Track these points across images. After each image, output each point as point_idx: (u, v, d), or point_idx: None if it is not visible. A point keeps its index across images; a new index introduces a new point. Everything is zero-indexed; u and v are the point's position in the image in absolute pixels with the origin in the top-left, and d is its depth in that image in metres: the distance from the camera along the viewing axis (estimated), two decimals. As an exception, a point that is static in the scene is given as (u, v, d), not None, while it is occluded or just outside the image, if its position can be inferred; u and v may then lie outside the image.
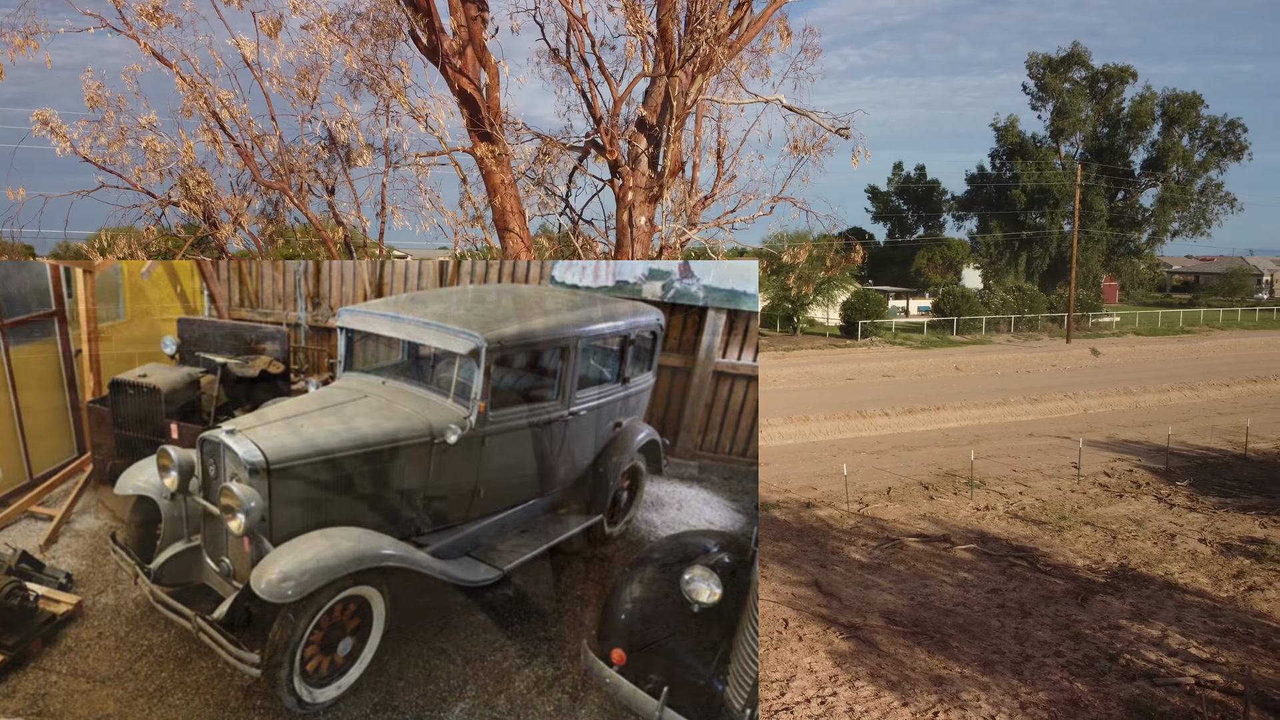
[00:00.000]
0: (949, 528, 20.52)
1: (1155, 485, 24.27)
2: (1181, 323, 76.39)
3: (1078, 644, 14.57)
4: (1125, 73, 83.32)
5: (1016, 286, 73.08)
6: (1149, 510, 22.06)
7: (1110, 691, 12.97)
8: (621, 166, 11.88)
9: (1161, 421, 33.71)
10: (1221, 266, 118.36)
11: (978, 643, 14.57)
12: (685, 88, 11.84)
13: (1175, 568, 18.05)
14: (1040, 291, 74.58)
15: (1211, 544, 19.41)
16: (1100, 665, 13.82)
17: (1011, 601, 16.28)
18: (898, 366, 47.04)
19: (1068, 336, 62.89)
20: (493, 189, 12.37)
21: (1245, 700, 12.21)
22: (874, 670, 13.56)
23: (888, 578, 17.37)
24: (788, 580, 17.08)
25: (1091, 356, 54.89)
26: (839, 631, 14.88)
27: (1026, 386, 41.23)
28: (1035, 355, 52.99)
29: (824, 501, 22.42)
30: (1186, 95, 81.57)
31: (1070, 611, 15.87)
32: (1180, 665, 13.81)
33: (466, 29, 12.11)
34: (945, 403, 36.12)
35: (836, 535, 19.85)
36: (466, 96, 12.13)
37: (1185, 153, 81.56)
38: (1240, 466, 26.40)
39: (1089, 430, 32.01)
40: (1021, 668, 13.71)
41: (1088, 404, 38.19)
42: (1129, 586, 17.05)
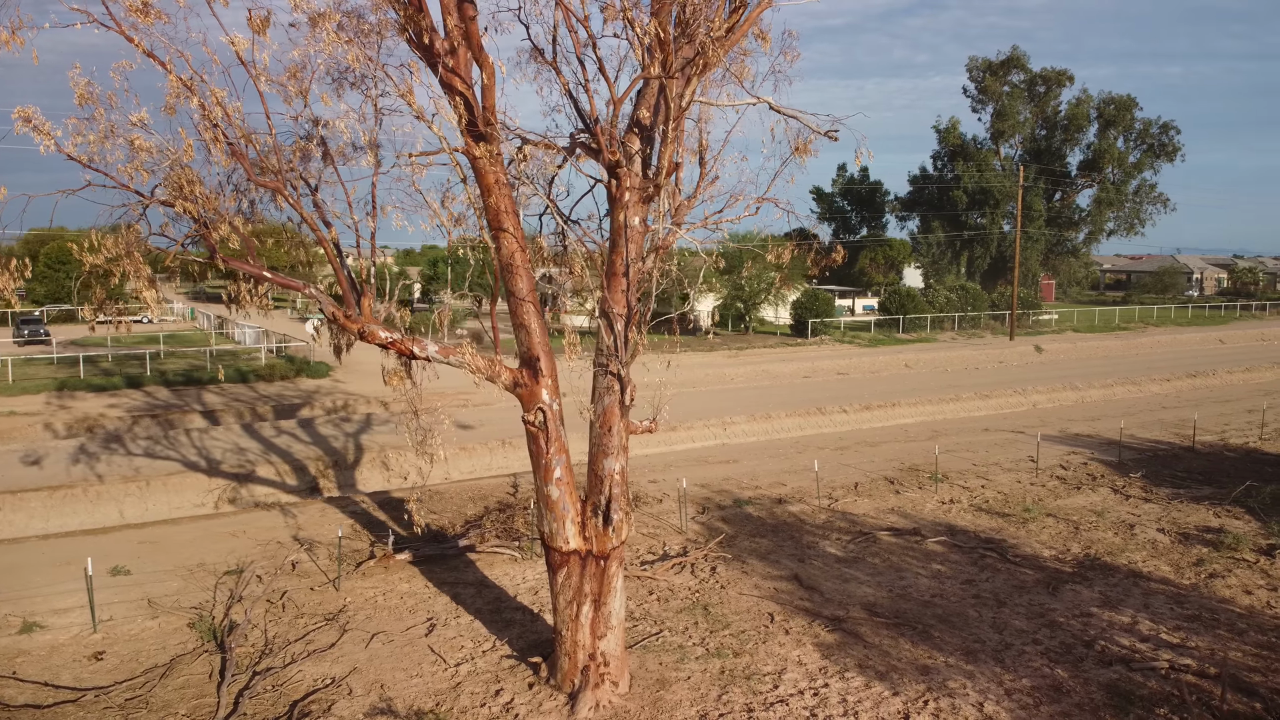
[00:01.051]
0: (918, 521, 20.93)
1: (1110, 477, 25.01)
2: (1118, 320, 78.65)
3: (1053, 632, 14.99)
4: (1062, 76, 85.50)
5: (960, 285, 74.49)
6: (1106, 501, 22.74)
7: (1090, 676, 13.38)
8: (620, 168, 11.94)
9: (1109, 415, 34.73)
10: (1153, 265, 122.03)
11: (958, 632, 14.91)
12: (681, 89, 11.96)
13: (1137, 557, 18.64)
14: (982, 290, 76.12)
15: (1170, 533, 20.08)
16: (1077, 652, 14.25)
17: (986, 592, 16.68)
18: (850, 364, 47.71)
19: (1011, 334, 64.33)
20: (486, 189, 12.36)
21: (1223, 684, 12.69)
22: (861, 661, 13.81)
23: (865, 571, 17.68)
24: (768, 575, 17.29)
25: (1035, 353, 56.27)
26: (823, 624, 15.12)
27: (977, 383, 42.11)
28: (981, 352, 54.11)
29: (794, 497, 22.71)
30: (1121, 98, 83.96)
31: (1043, 600, 16.31)
32: (1153, 650, 14.28)
33: (461, 28, 12.09)
34: (900, 399, 36.75)
35: (810, 530, 20.12)
36: (459, 96, 12.12)
37: (1120, 154, 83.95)
38: (1189, 458, 27.31)
39: (1041, 424, 32.83)
40: (1003, 655, 14.07)
41: (1036, 399, 39.16)
42: (1096, 575, 17.57)
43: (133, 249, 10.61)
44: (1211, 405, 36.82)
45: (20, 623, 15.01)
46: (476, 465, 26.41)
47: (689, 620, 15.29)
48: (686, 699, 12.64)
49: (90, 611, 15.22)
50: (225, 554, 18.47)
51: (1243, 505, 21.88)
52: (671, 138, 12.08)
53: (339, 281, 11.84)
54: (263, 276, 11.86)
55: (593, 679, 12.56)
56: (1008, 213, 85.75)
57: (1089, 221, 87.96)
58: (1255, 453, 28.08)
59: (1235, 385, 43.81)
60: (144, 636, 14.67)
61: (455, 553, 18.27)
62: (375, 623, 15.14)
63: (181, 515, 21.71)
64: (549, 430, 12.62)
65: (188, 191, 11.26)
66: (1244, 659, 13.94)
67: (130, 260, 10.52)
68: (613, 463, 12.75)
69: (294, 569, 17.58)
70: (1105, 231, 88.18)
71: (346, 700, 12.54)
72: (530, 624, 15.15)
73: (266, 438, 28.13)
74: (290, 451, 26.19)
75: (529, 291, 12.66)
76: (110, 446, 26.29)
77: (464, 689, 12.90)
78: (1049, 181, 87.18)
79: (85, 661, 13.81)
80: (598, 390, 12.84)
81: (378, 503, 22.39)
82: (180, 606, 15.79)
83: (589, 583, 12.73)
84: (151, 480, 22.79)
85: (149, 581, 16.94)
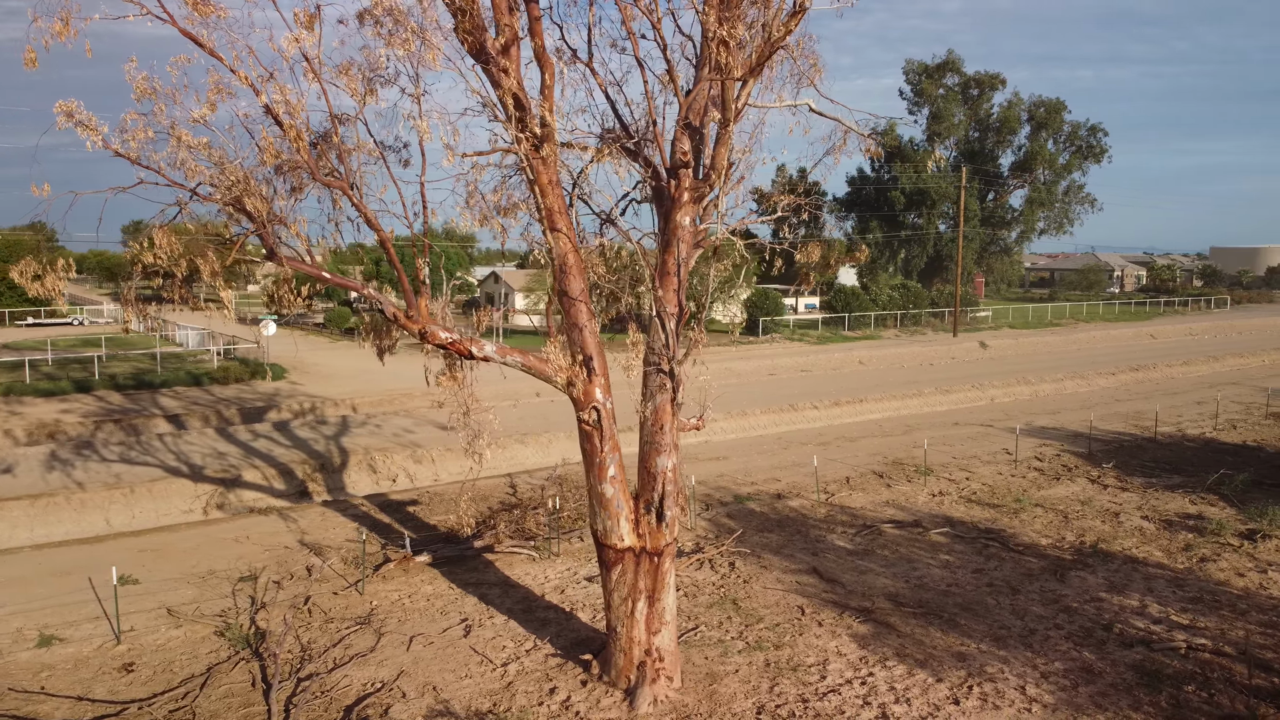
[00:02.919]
0: (914, 513, 21.46)
1: (1085, 468, 25.93)
2: (1050, 316, 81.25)
3: (1071, 616, 15.55)
4: (995, 79, 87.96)
5: (901, 284, 76.17)
6: (1086, 491, 23.59)
7: (1116, 658, 13.93)
8: (682, 169, 12.06)
9: (1068, 409, 35.97)
10: (1076, 263, 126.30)
11: (982, 620, 15.37)
12: (737, 91, 12.12)
13: (1129, 543, 19.40)
14: (922, 288, 77.91)
15: (1154, 520, 20.94)
16: (1098, 635, 14.81)
17: (998, 580, 17.21)
18: (809, 361, 48.44)
19: (954, 330, 66.01)
20: (541, 190, 12.36)
21: (1249, 663, 13.35)
22: (899, 650, 14.16)
23: (878, 563, 18.08)
24: (787, 569, 17.58)
25: (980, 349, 57.84)
26: (853, 615, 15.45)
27: (934, 378, 43.15)
28: (929, 349, 55.42)
29: (792, 492, 23.08)
30: (1051, 101, 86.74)
31: (1053, 587, 16.90)
32: (1168, 632, 14.92)
33: (510, 29, 12.07)
34: (866, 395, 37.49)
35: (815, 524, 20.49)
36: (511, 96, 12.09)
37: (1051, 156, 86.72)
38: (1153, 449, 28.46)
39: (1006, 418, 33.86)
40: (1030, 640, 14.56)
41: (993, 393, 40.30)
42: (1096, 562, 18.24)
43: (206, 248, 10.36)
44: (1161, 398, 38.35)
45: (36, 636, 14.51)
46: (464, 466, 26.10)
47: (721, 615, 15.48)
48: (740, 692, 12.82)
49: (109, 622, 14.84)
50: (234, 560, 18.07)
51: (1216, 493, 22.91)
52: (726, 139, 12.25)
53: (400, 282, 11.73)
54: (321, 277, 11.69)
55: (649, 674, 12.66)
56: (943, 213, 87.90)
57: (1021, 221, 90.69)
58: (1213, 443, 29.37)
59: (1177, 378, 45.67)
60: (171, 646, 14.31)
61: (472, 554, 18.16)
62: (409, 625, 15.00)
63: (171, 522, 21.15)
64: (603, 428, 12.68)
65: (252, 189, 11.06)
66: (1253, 637, 14.65)
67: (205, 260, 10.29)
68: (665, 460, 12.88)
69: (310, 574, 17.30)
70: (1037, 231, 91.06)
71: (402, 704, 12.43)
72: (565, 623, 15.17)
73: (243, 442, 27.51)
74: (272, 455, 25.67)
75: (582, 292, 12.70)
76: (82, 453, 25.44)
77: (517, 688, 12.88)
78: (983, 182, 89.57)
79: (116, 674, 13.42)
80: (649, 389, 12.95)
81: (378, 505, 22.11)
82: (203, 615, 15.43)
83: (643, 579, 12.83)
84: (136, 487, 22.14)
85: (161, 590, 16.50)
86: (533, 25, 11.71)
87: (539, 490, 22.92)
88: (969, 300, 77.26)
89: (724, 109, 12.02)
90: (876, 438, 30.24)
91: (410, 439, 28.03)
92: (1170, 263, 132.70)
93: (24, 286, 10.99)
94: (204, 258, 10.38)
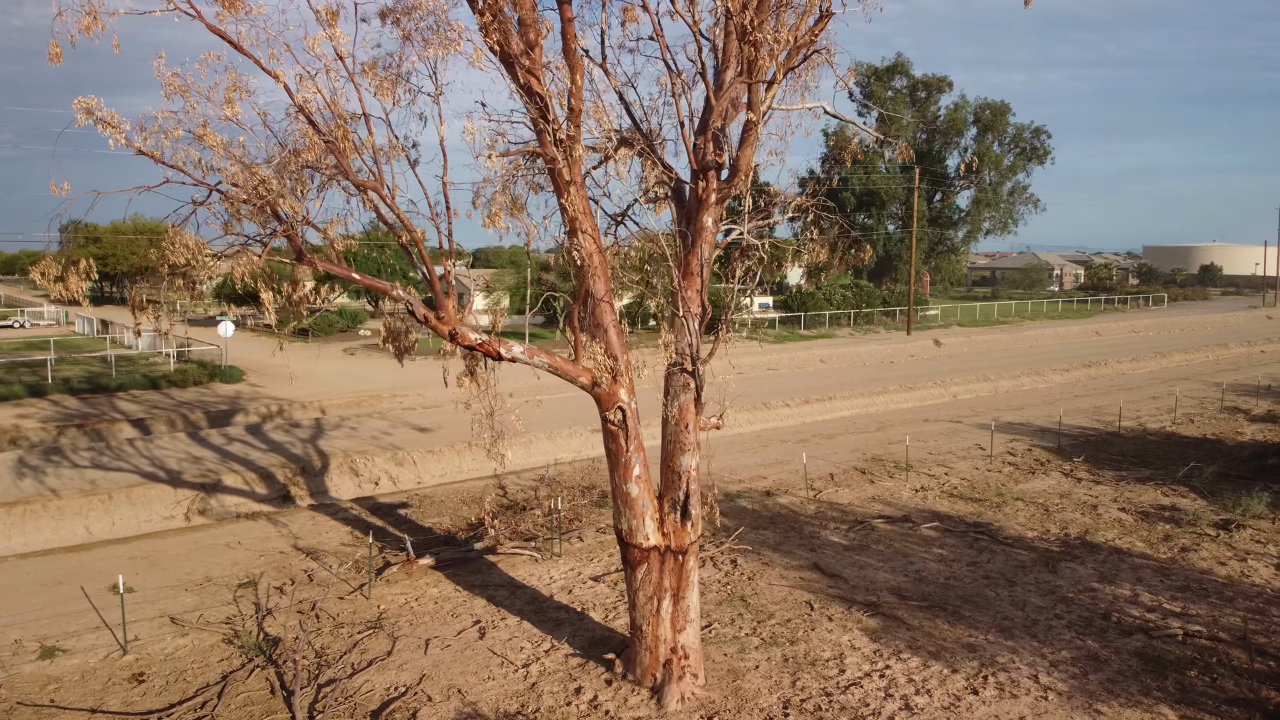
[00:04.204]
0: (902, 508, 21.85)
1: (1057, 462, 26.62)
2: (996, 314, 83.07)
3: (1069, 606, 15.99)
4: (942, 82, 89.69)
5: (854, 283, 77.22)
6: (1062, 485, 24.23)
7: (1119, 646, 14.37)
8: (710, 170, 12.17)
9: (1031, 405, 36.85)
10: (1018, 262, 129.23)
11: (985, 612, 15.73)
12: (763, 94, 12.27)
13: (1111, 534, 19.98)
14: (874, 287, 79.13)
15: (1131, 512, 21.59)
16: (1097, 624, 15.25)
17: (994, 572, 17.61)
18: (773, 360, 48.88)
19: (908, 329, 67.14)
20: (562, 189, 12.37)
21: (1250, 649, 13.87)
22: (910, 643, 14.44)
23: (875, 558, 18.39)
24: (789, 565, 17.79)
25: (935, 347, 58.90)
26: (861, 610, 15.70)
27: (897, 376, 43.87)
28: (886, 347, 56.31)
29: (780, 489, 23.34)
30: (996, 104, 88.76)
31: (1047, 578, 17.35)
32: (1163, 619, 15.42)
33: (535, 29, 12.07)
34: (834, 393, 37.98)
35: (807, 521, 20.75)
36: (534, 95, 12.09)
37: (996, 157, 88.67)
38: (1118, 443, 29.30)
39: (972, 414, 34.59)
40: (1034, 631, 14.95)
41: (955, 390, 41.09)
42: (1083, 553, 18.76)
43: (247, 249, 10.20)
44: (1117, 393, 39.47)
45: (38, 648, 14.12)
46: (447, 468, 26.01)
47: (732, 612, 15.63)
48: (764, 687, 12.97)
49: (111, 632, 14.54)
50: (230, 566, 17.75)
51: (1187, 484, 23.69)
52: (751, 140, 12.39)
53: (431, 284, 11.65)
54: (351, 278, 11.57)
55: (675, 672, 12.74)
56: (892, 213, 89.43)
57: (967, 221, 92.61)
58: (1174, 436, 30.34)
59: (1128, 374, 47.02)
60: (180, 655, 14.02)
61: (474, 556, 18.06)
62: (422, 629, 14.89)
63: (153, 529, 20.68)
64: (628, 428, 12.75)
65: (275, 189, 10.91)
66: (1244, 624, 15.21)
67: (247, 260, 10.12)
68: (689, 459, 12.99)
69: (311, 579, 17.06)
70: (983, 231, 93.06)
71: (429, 708, 12.35)
72: (579, 623, 15.19)
73: (218, 446, 26.98)
74: (250, 459, 25.22)
75: (606, 292, 12.76)
76: (51, 459, 24.72)
77: (542, 689, 12.88)
78: (930, 183, 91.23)
79: (127, 685, 13.12)
80: (673, 388, 13.06)
81: (367, 509, 21.86)
82: (207, 622, 15.14)
83: (668, 578, 12.91)
84: (114, 493, 21.59)
85: (159, 599, 16.15)
86: (565, 27, 11.74)
87: (530, 491, 22.84)
88: (919, 299, 78.63)
89: (751, 111, 12.17)
90: (852, 434, 30.68)
91: (389, 441, 27.74)
92: (1107, 261, 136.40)
93: (45, 287, 10.70)
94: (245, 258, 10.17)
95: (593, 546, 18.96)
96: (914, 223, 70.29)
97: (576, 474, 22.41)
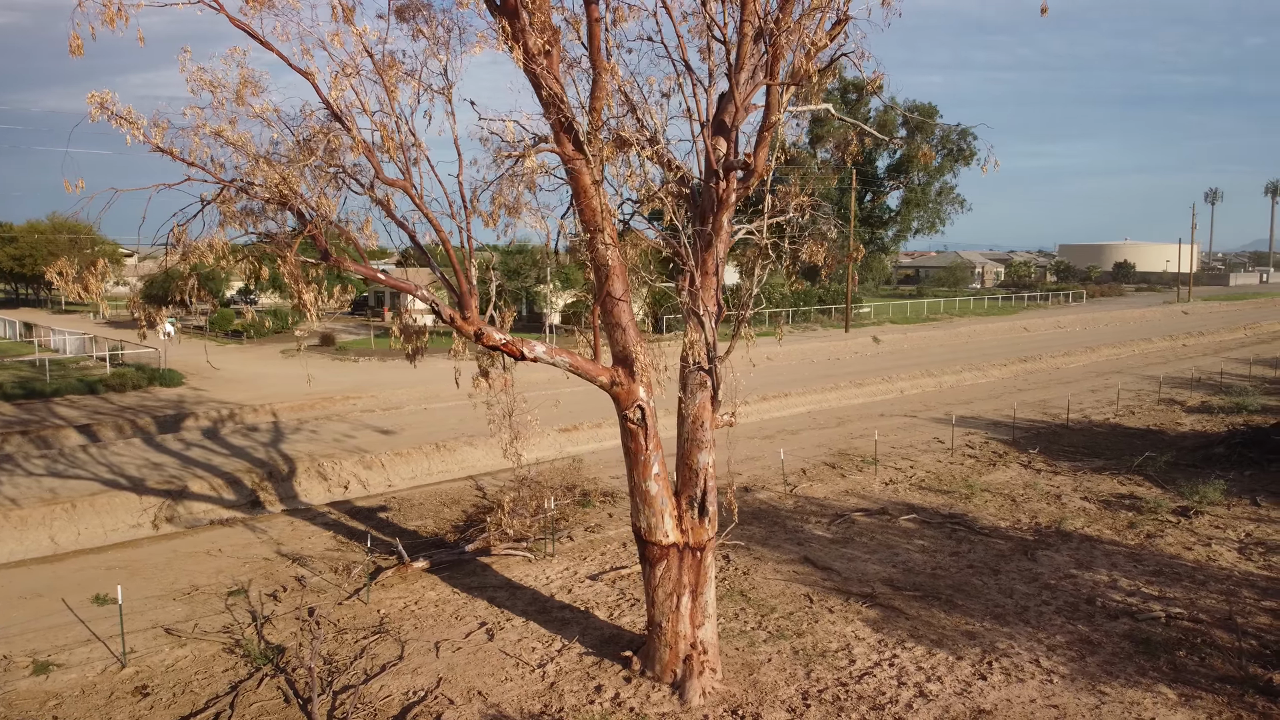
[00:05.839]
0: (876, 501, 22.33)
1: (1014, 454, 27.47)
2: (926, 312, 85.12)
3: (1054, 593, 16.56)
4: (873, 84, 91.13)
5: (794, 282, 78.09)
6: (1023, 475, 25.02)
7: (1108, 629, 14.94)
8: (732, 170, 12.31)
9: (979, 399, 37.90)
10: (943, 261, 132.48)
11: (976, 600, 16.20)
12: (780, 96, 12.47)
13: (1079, 523, 20.72)
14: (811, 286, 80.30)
15: (1094, 501, 22.42)
16: (1084, 609, 15.83)
17: (977, 562, 18.13)
18: (721, 358, 49.27)
19: (846, 327, 68.39)
20: (583, 190, 12.40)
21: (1236, 630, 14.56)
22: (912, 633, 14.80)
23: (861, 550, 18.77)
24: (781, 560, 18.06)
25: (874, 344, 60.10)
26: (859, 601, 16.03)
27: (845, 372, 44.70)
28: (828, 344, 57.28)
29: (756, 485, 23.63)
30: (925, 106, 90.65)
31: (1028, 566, 17.93)
32: (1144, 603, 16.08)
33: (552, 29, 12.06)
34: (788, 390, 38.54)
35: (789, 515, 21.08)
36: (551, 95, 12.09)
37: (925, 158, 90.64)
38: (1068, 435, 30.36)
39: (924, 408, 35.44)
40: (1026, 617, 15.45)
41: (902, 386, 42.05)
42: (1057, 541, 19.43)
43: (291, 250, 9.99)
44: (1057, 387, 40.84)
45: (29, 663, 13.60)
46: (416, 470, 25.71)
47: (735, 607, 15.81)
48: (780, 680, 13.18)
49: (106, 645, 14.14)
50: (214, 575, 17.31)
51: (1141, 473, 24.68)
52: (767, 140, 12.58)
53: (459, 283, 11.55)
54: (376, 278, 11.43)
55: (695, 668, 12.87)
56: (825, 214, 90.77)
57: (897, 221, 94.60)
58: (1119, 428, 31.55)
59: (1063, 368, 48.65)
60: (181, 667, 13.65)
61: (467, 558, 17.92)
62: (428, 632, 14.74)
63: (121, 538, 20.04)
64: (647, 426, 12.84)
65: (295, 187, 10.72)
66: (1218, 605, 15.95)
67: (289, 263, 9.92)
68: (706, 456, 13.13)
69: (303, 585, 16.74)
70: (912, 230, 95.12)
71: (452, 711, 12.26)
72: (585, 622, 15.20)
73: (176, 451, 26.22)
74: (212, 465, 24.58)
75: (624, 292, 12.82)
76: (4, 467, 23.74)
77: (563, 689, 12.88)
78: (861, 183, 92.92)
79: (131, 698, 12.73)
80: (690, 386, 13.18)
81: (346, 513, 21.48)
82: (204, 632, 14.75)
83: (687, 574, 13.03)
84: (77, 502, 20.86)
85: (148, 609, 15.68)
86: (592, 28, 11.76)
87: (511, 492, 22.69)
88: (854, 297, 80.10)
89: (770, 111, 12.36)
90: (814, 430, 31.19)
91: (353, 444, 27.29)
92: (1026, 259, 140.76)
93: (62, 288, 10.34)
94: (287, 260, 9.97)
95: (584, 546, 18.97)
96: (852, 222, 71.53)
97: (555, 474, 22.35)
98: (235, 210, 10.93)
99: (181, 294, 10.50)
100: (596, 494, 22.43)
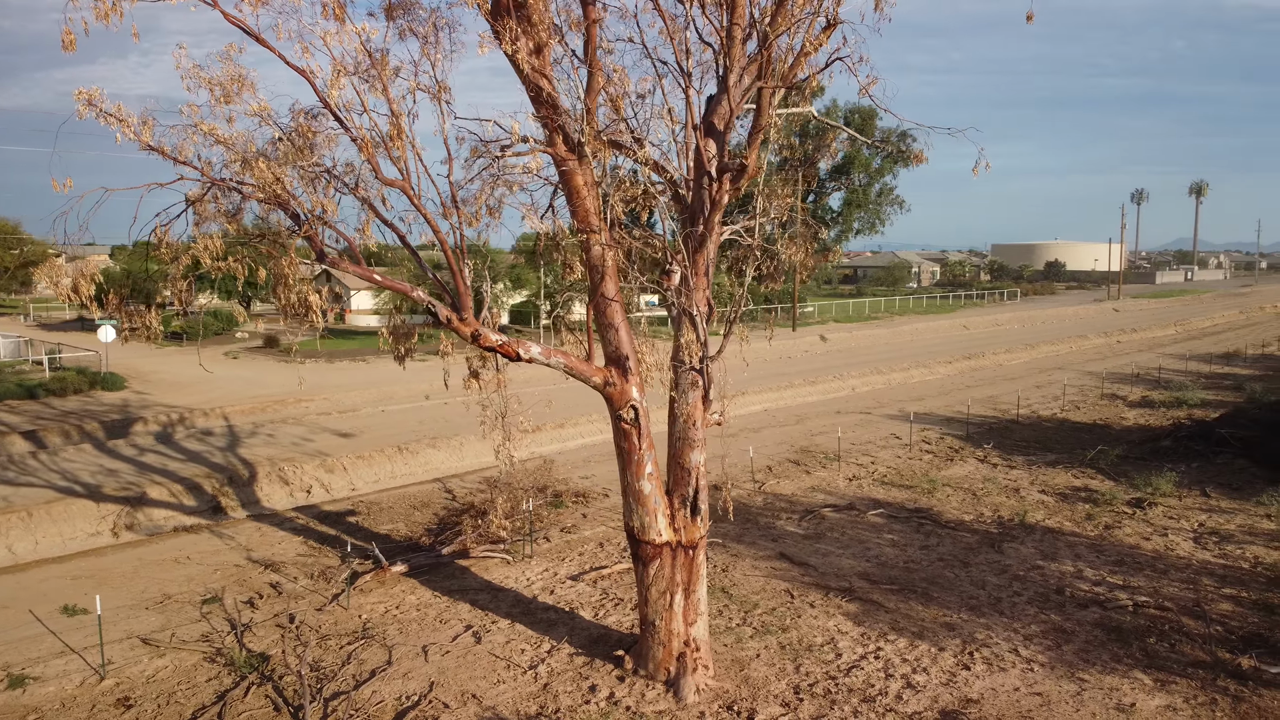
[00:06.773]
0: (842, 497, 22.69)
1: (970, 449, 28.11)
2: (868, 311, 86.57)
3: (1023, 584, 17.02)
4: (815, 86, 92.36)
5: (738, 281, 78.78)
6: (980, 470, 25.63)
7: (1080, 618, 15.41)
8: (726, 173, 12.43)
9: (929, 395, 38.65)
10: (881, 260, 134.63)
11: (950, 592, 16.58)
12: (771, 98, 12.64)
13: (1039, 515, 21.29)
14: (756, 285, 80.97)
15: (1050, 494, 23.06)
16: (1054, 599, 16.30)
17: (946, 555, 18.55)
18: (673, 357, 49.51)
19: (794, 326, 69.21)
20: (575, 191, 12.44)
21: (1206, 618, 15.12)
22: (893, 625, 15.10)
23: (834, 545, 19.07)
24: (757, 556, 18.27)
25: (822, 343, 60.94)
26: (838, 596, 16.30)
27: (798, 371, 45.25)
28: (777, 343, 57.81)
29: (723, 482, 23.77)
30: (865, 108, 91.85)
31: (996, 558, 18.39)
32: (1110, 592, 16.61)
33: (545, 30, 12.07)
34: (745, 388, 38.81)
35: (760, 512, 21.31)
36: (542, 95, 12.09)
37: (866, 160, 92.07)
38: (1019, 430, 31.15)
39: (878, 405, 36.05)
40: (1000, 608, 15.86)
41: (853, 384, 42.70)
42: (1020, 533, 19.95)
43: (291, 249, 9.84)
44: (1003, 383, 41.86)
45: (3, 676, 13.19)
46: (380, 474, 25.40)
47: (718, 604, 15.95)
48: (771, 675, 13.35)
49: (82, 656, 13.78)
50: (185, 583, 16.93)
51: (1093, 467, 25.45)
52: (758, 143, 12.74)
53: (456, 284, 11.50)
54: (373, 279, 11.31)
55: (689, 665, 12.98)
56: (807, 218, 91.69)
57: (839, 222, 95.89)
58: (1067, 422, 32.46)
59: (1006, 365, 49.84)
60: (163, 678, 13.35)
61: (445, 561, 17.79)
62: (414, 636, 14.62)
63: (81, 547, 19.49)
64: (640, 427, 12.91)
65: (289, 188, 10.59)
66: (1182, 593, 16.55)
67: (289, 262, 9.77)
68: (698, 455, 13.24)
69: (279, 592, 16.47)
70: (853, 231, 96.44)
71: (449, 715, 12.19)
72: (571, 622, 15.22)
73: (129, 457, 25.55)
74: (169, 470, 24.01)
75: (616, 292, 12.89)
76: (-52, 477, 22.92)
77: (557, 690, 12.89)
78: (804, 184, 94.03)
79: (114, 711, 12.42)
80: (681, 386, 13.28)
81: (314, 517, 21.15)
82: (183, 641, 14.44)
83: (680, 572, 13.12)
84: (33, 510, 20.21)
85: (120, 619, 15.29)
86: (589, 28, 11.77)
87: (480, 494, 22.58)
88: (799, 298, 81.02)
89: (761, 114, 12.52)
90: (774, 428, 31.54)
91: (313, 448, 26.87)
92: (961, 259, 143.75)
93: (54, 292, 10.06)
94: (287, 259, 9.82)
95: (561, 546, 18.96)
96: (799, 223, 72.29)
97: (525, 475, 22.29)
98: (225, 209, 10.74)
99: (177, 295, 10.29)
100: (568, 494, 22.42)
